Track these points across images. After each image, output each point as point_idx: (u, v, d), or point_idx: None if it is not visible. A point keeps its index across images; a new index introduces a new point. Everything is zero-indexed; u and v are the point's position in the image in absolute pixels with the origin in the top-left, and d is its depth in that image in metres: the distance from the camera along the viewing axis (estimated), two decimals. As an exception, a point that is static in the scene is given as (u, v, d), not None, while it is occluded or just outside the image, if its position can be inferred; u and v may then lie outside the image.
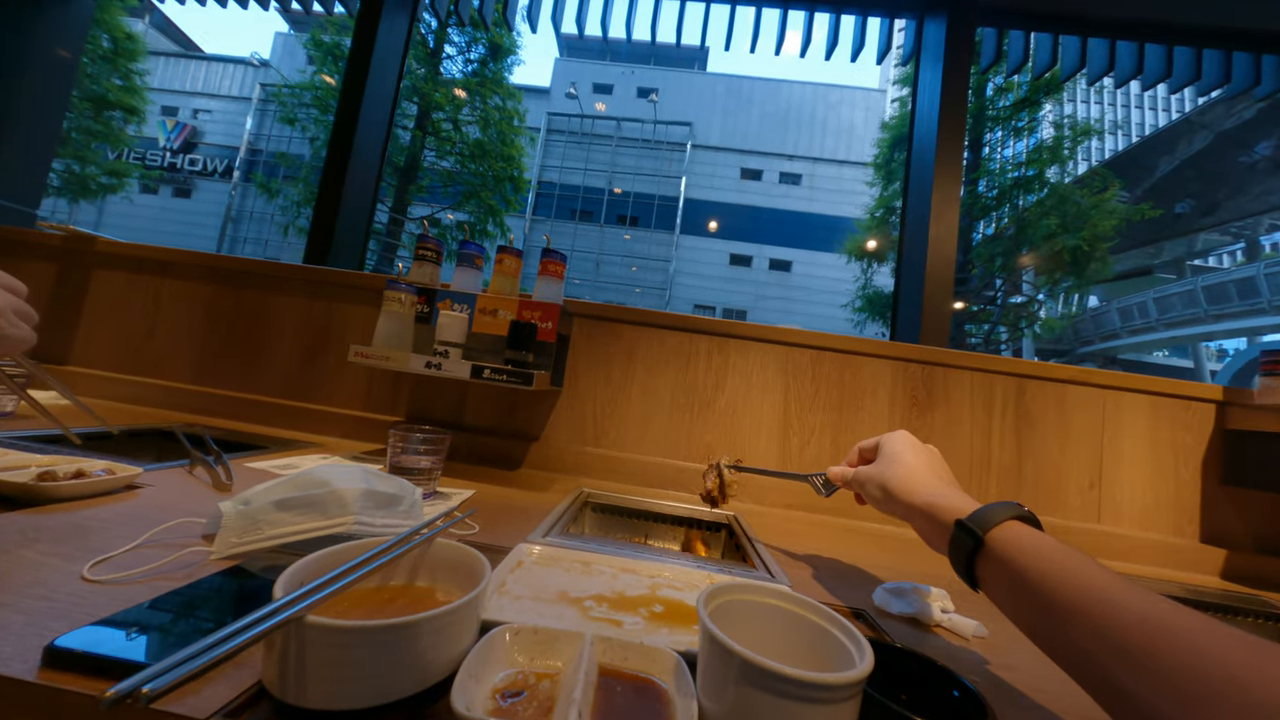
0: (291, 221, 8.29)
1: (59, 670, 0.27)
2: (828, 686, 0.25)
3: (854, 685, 0.26)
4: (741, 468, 0.79)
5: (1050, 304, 8.37)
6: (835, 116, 17.17)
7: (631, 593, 0.47)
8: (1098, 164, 11.70)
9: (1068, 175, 7.89)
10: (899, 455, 0.50)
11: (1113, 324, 14.23)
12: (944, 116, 1.57)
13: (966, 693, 0.31)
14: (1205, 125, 11.29)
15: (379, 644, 0.26)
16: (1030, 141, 7.95)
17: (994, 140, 8.16)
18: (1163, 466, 1.01)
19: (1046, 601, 0.31)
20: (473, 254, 0.99)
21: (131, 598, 0.35)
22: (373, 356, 0.85)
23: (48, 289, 1.17)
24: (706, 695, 0.29)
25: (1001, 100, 7.87)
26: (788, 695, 0.25)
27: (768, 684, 0.26)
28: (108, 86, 6.77)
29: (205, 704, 0.26)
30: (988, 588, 0.37)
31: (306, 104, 8.25)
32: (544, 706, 0.28)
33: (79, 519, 0.47)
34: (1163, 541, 0.97)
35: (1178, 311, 12.79)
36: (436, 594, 0.36)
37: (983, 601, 0.57)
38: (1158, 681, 0.24)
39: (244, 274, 1.15)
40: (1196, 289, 12.28)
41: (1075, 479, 1.01)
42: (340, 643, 0.26)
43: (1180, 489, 1.00)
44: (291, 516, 0.45)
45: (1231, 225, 13.44)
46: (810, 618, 0.33)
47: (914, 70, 1.84)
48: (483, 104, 8.61)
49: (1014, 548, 0.34)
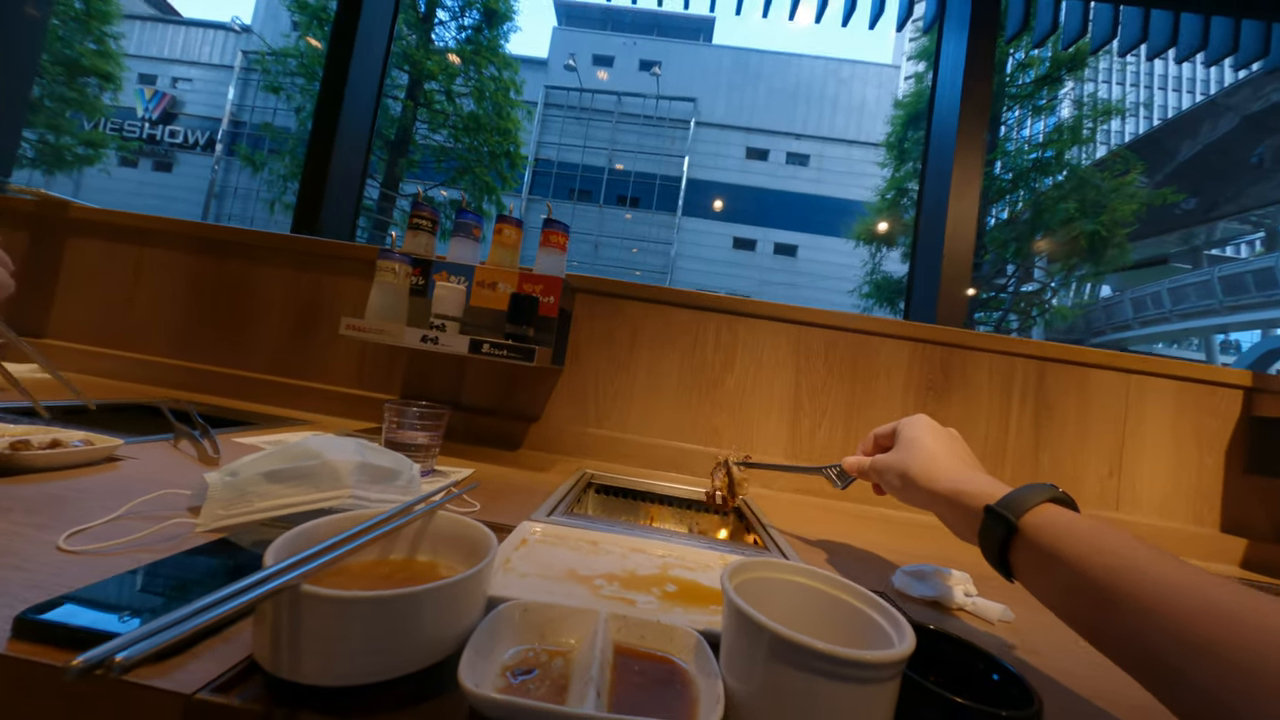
0: (278, 197, 8.15)
1: (30, 642, 0.26)
2: (869, 665, 0.24)
3: (895, 665, 0.25)
4: (751, 464, 0.76)
5: (1063, 292, 8.33)
6: (847, 93, 16.84)
7: (643, 572, 0.45)
8: (1118, 146, 11.53)
9: (1087, 158, 7.78)
10: (919, 440, 0.48)
11: (1125, 314, 14.21)
12: (968, 87, 1.52)
13: (1008, 676, 0.30)
14: (1231, 107, 11.12)
15: (380, 616, 0.25)
16: (1049, 122, 7.82)
17: (1011, 120, 8.02)
18: (1185, 454, 1.00)
19: (1092, 588, 0.29)
20: (470, 224, 0.96)
21: (110, 569, 0.33)
22: (366, 329, 0.83)
23: (19, 257, 1.14)
24: (732, 674, 0.27)
25: (1022, 77, 7.71)
26: (824, 674, 0.24)
27: (802, 661, 0.24)
28: (80, 50, 6.58)
29: (192, 678, 0.25)
30: (1024, 577, 0.35)
31: (291, 71, 8.04)
32: (557, 685, 0.27)
33: (55, 489, 0.45)
34: (1182, 530, 0.97)
35: (1192, 302, 12.76)
36: (439, 568, 0.35)
37: (1008, 586, 0.57)
38: (1225, 671, 0.22)
39: (228, 244, 1.12)
40: (1213, 279, 12.23)
41: (1094, 467, 1.00)
42: (338, 614, 0.24)
43: (1202, 476, 0.99)
44: (282, 489, 0.44)
45: (1252, 214, 13.35)
46: (842, 597, 0.31)
47: (936, 37, 1.78)
48: (477, 74, 8.40)
49: (1050, 533, 0.33)
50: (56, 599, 0.28)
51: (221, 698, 0.24)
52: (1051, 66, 7.31)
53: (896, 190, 9.02)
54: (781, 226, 16.07)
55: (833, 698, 0.24)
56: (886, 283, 9.29)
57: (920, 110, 8.32)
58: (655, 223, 15.85)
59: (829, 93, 16.85)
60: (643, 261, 15.67)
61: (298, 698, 0.25)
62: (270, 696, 0.25)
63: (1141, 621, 0.26)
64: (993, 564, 0.37)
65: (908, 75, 12.82)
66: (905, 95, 9.17)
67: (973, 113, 1.46)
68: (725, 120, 16.52)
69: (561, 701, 0.25)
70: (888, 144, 9.29)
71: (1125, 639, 0.28)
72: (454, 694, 0.27)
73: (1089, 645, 0.30)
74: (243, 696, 0.24)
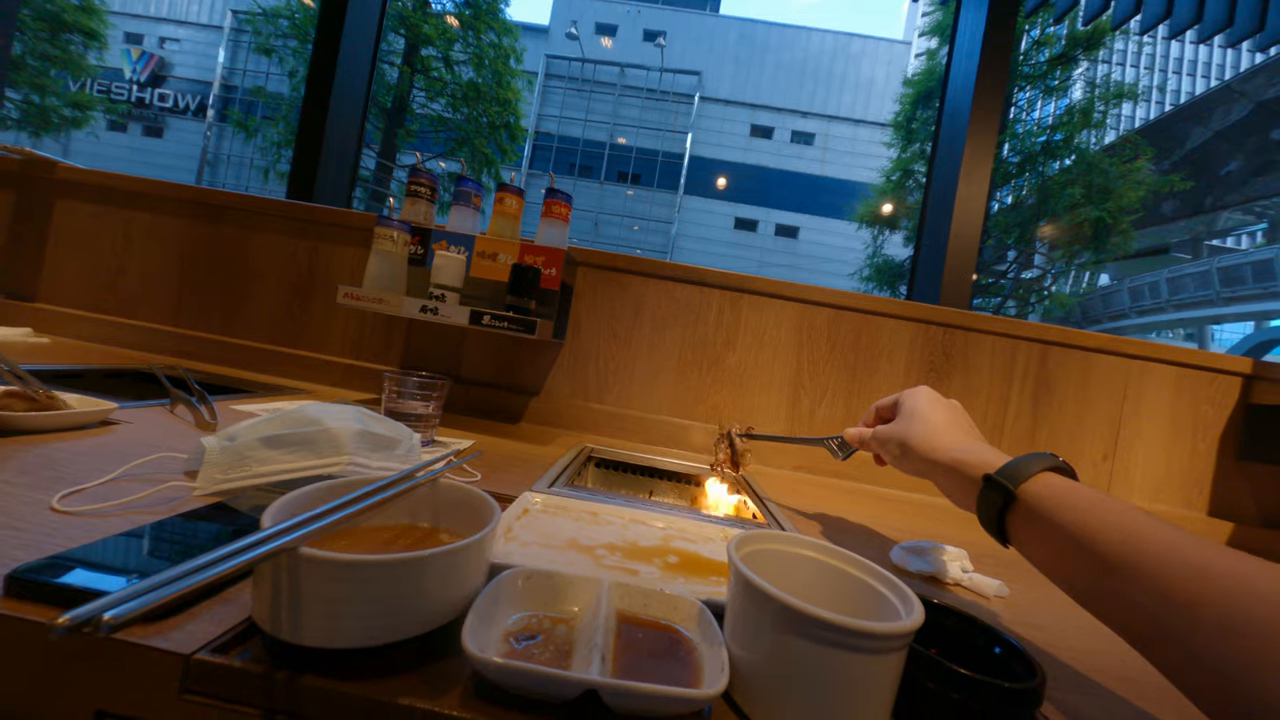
0: (272, 165, 7.93)
1: (23, 600, 0.25)
2: (877, 636, 0.23)
3: (903, 637, 0.24)
4: (754, 435, 0.77)
5: (1063, 280, 8.28)
6: (855, 70, 16.33)
7: (644, 543, 0.45)
8: (1128, 131, 11.29)
9: (1096, 142, 7.61)
10: (920, 411, 0.48)
11: (1122, 303, 14.19)
12: (984, 64, 1.47)
13: (1009, 649, 0.30)
14: (1245, 93, 10.85)
15: (382, 580, 0.24)
16: (1060, 104, 7.62)
17: (1022, 101, 7.80)
18: (1180, 439, 1.00)
19: (1089, 554, 0.29)
20: (470, 191, 0.93)
21: (106, 530, 0.32)
22: (364, 299, 0.81)
23: (5, 218, 1.10)
24: (737, 643, 0.27)
25: (1036, 56, 7.47)
26: (832, 644, 0.24)
27: (810, 631, 0.24)
28: (62, 5, 6.28)
29: (190, 639, 0.24)
30: (1021, 544, 0.35)
31: (283, 33, 7.71)
32: (561, 650, 0.27)
33: (48, 451, 0.44)
34: (1170, 513, 0.98)
35: (1190, 293, 12.72)
36: (441, 535, 0.34)
37: (1004, 562, 0.58)
38: (1239, 645, 0.22)
39: (222, 209, 1.08)
40: (1211, 270, 12.17)
41: (1089, 450, 1.00)
42: (339, 577, 0.23)
43: (1195, 462, 1.00)
44: (280, 454, 0.43)
45: (1257, 204, 13.19)
46: (848, 570, 0.31)
47: (954, 10, 1.70)
48: (476, 40, 8.07)
49: (1049, 501, 0.32)
50: (50, 558, 0.28)
51: (221, 658, 0.24)
52: (1068, 45, 7.07)
53: (902, 172, 8.85)
54: (784, 207, 15.82)
55: (840, 667, 0.24)
56: (888, 266, 9.21)
57: (931, 89, 8.08)
58: (657, 201, 15.56)
59: (837, 69, 16.33)
60: (643, 240, 15.45)
61: (299, 660, 0.24)
62: (271, 658, 0.24)
63: (1139, 587, 0.26)
64: (989, 531, 0.37)
65: (919, 52, 12.41)
66: (916, 73, 8.89)
67: (989, 89, 1.41)
68: (730, 96, 16.04)
69: (565, 667, 0.25)
70: (895, 124, 9.07)
71: (1122, 604, 0.28)
72: (457, 658, 0.26)
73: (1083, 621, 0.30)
74: (242, 657, 0.24)
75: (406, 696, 0.24)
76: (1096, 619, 0.30)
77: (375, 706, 0.23)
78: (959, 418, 0.47)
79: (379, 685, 0.24)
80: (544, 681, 0.23)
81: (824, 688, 0.24)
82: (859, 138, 15.86)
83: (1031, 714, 0.27)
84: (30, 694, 0.24)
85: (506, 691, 0.24)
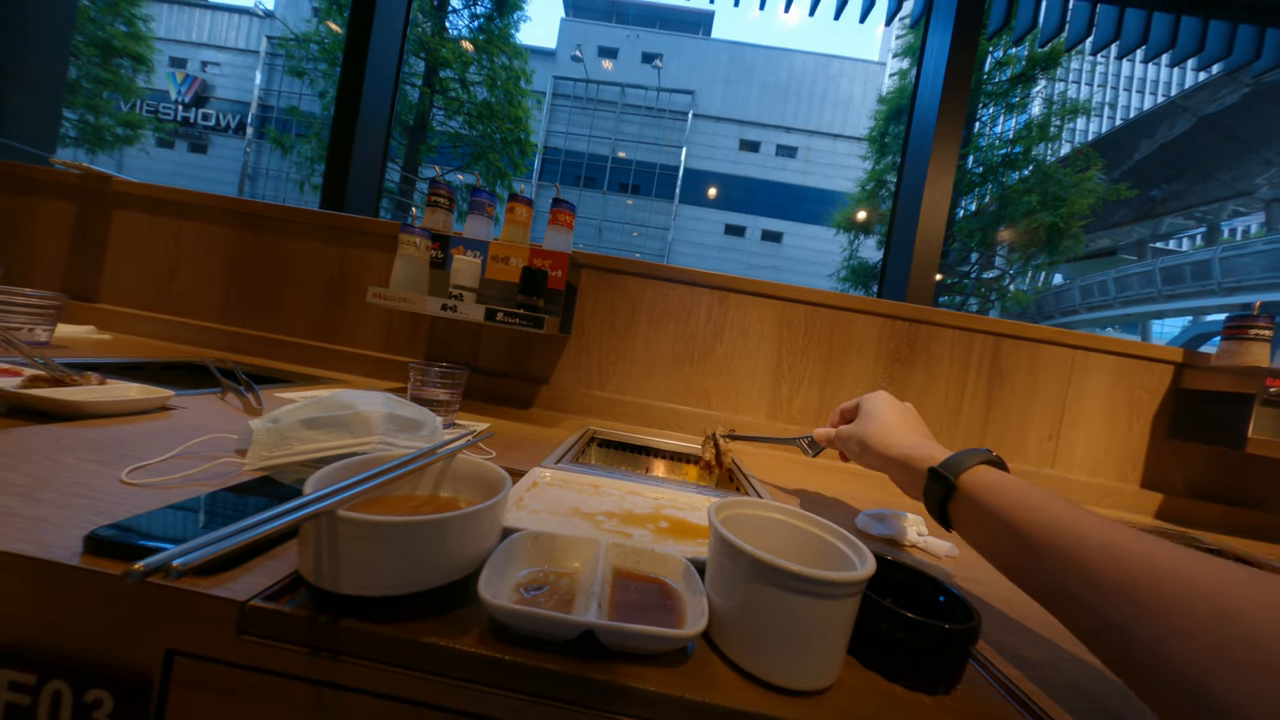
0: (306, 178, 7.87)
1: (100, 557, 0.26)
2: (834, 584, 0.25)
3: (857, 584, 0.25)
4: (736, 436, 0.78)
5: (1020, 279, 8.25)
6: (834, 89, 16.13)
7: (639, 511, 0.46)
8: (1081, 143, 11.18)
9: (1051, 154, 7.53)
10: (876, 413, 0.49)
11: (1074, 300, 14.14)
12: (949, 82, 1.45)
13: (951, 598, 0.31)
14: (1188, 109, 10.72)
15: (408, 538, 0.25)
16: (1020, 119, 7.54)
17: (986, 116, 7.72)
18: (1117, 420, 1.01)
19: (1016, 536, 0.30)
20: (484, 202, 0.93)
21: (167, 499, 0.33)
22: (390, 298, 0.81)
23: (69, 227, 1.10)
24: (716, 592, 0.28)
25: (998, 75, 7.37)
26: (796, 590, 0.25)
27: (777, 580, 0.25)
28: (112, 32, 6.19)
29: (245, 589, 0.26)
30: (961, 528, 0.36)
31: (314, 57, 7.61)
32: (564, 599, 0.28)
33: (115, 433, 0.45)
34: (1106, 485, 1.00)
35: (1134, 290, 12.68)
36: (460, 503, 0.35)
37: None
38: (1138, 611, 0.23)
39: (262, 218, 1.08)
40: (1155, 270, 12.11)
41: (1036, 430, 1.02)
42: (372, 536, 0.24)
43: (1130, 440, 1.01)
44: (319, 434, 0.44)
45: (1196, 210, 13.10)
46: (812, 530, 0.32)
47: (922, 33, 1.68)
48: (489, 63, 7.97)
49: (983, 489, 0.33)
50: (121, 522, 0.29)
51: (272, 604, 0.25)
52: (1027, 65, 6.97)
53: (876, 182, 8.78)
54: (769, 215, 15.72)
55: (802, 611, 0.25)
56: (862, 268, 9.18)
57: (902, 106, 7.99)
58: (654, 209, 15.46)
59: (818, 88, 16.13)
60: (642, 245, 15.37)
61: (338, 606, 0.25)
62: (314, 604, 0.25)
63: (1058, 564, 0.27)
64: (934, 516, 0.38)
65: (892, 72, 12.23)
66: (889, 92, 8.77)
67: (952, 107, 1.41)
68: (721, 113, 15.86)
69: (568, 612, 0.26)
70: (870, 138, 8.97)
71: (1044, 580, 0.28)
72: (474, 605, 0.28)
73: None
74: (291, 604, 0.25)
75: (430, 636, 0.25)
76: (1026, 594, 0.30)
77: (404, 644, 0.24)
78: (910, 419, 0.49)
79: (407, 627, 0.25)
80: (548, 623, 0.24)
81: (789, 628, 0.25)
82: (838, 151, 15.71)
83: (968, 650, 0.28)
84: (110, 636, 0.25)
85: (516, 633, 0.26)
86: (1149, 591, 0.23)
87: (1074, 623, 0.27)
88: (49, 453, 0.38)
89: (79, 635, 0.25)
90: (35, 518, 0.29)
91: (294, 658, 0.24)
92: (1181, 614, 0.21)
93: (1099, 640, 0.25)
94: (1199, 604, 0.21)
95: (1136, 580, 0.23)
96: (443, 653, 0.24)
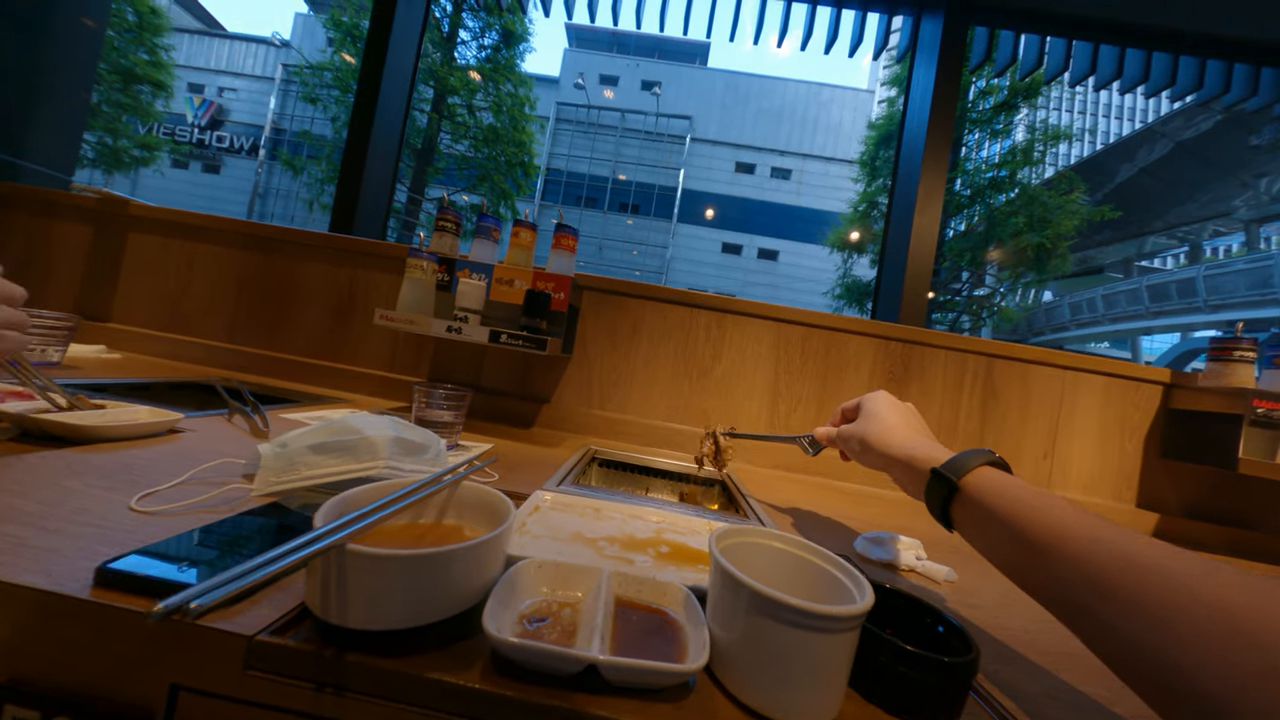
0: (315, 198, 8.00)
1: (110, 589, 0.26)
2: (832, 618, 0.25)
3: (856, 618, 0.25)
4: (736, 434, 0.78)
5: (1010, 296, 8.34)
6: (826, 115, 16.59)
7: (640, 536, 0.46)
8: (1064, 168, 11.46)
9: (1036, 178, 7.71)
10: (877, 412, 0.48)
11: (1063, 317, 14.26)
12: (935, 113, 1.50)
13: (950, 628, 0.31)
14: (1165, 134, 11.03)
15: (415, 572, 0.25)
16: (1005, 144, 7.74)
17: (971, 142, 7.92)
18: (1109, 440, 1.01)
19: (1020, 538, 0.29)
20: (490, 226, 0.95)
21: (177, 527, 0.33)
22: (397, 320, 0.82)
23: (85, 248, 1.12)
24: (717, 624, 0.28)
25: (982, 103, 7.60)
26: (795, 624, 0.25)
27: (777, 614, 0.25)
28: (134, 60, 6.37)
29: (252, 622, 0.25)
30: (963, 529, 0.36)
31: (327, 84, 7.83)
32: (567, 631, 0.28)
33: (124, 457, 0.45)
34: (1103, 505, 0.99)
35: (1122, 307, 12.81)
36: (464, 531, 0.35)
37: (953, 550, 0.58)
38: (1142, 617, 0.22)
39: (272, 240, 1.10)
40: (1141, 288, 12.27)
41: (1031, 449, 1.02)
42: (379, 569, 0.25)
43: (1124, 460, 1.01)
44: (326, 459, 0.44)
45: (1179, 230, 13.34)
46: (812, 559, 0.32)
47: (908, 66, 1.75)
48: (496, 90, 8.20)
49: (986, 490, 0.33)
50: (131, 553, 0.29)
51: (279, 639, 0.25)
52: (1009, 94, 7.20)
53: (868, 203, 8.94)
54: (765, 234, 15.95)
55: (802, 645, 0.25)
56: (856, 286, 9.27)
57: (891, 131, 8.21)
58: (653, 228, 15.69)
59: (810, 114, 16.58)
60: (642, 263, 15.54)
61: (345, 640, 0.25)
62: (321, 638, 0.25)
63: (1063, 569, 0.26)
64: (936, 517, 0.38)
65: (881, 100, 12.61)
66: (878, 118, 9.01)
67: (938, 137, 1.45)
68: (717, 137, 16.26)
69: (570, 645, 0.26)
70: (861, 161, 9.18)
71: (1049, 584, 0.28)
72: (478, 638, 0.27)
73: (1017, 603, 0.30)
74: (297, 638, 0.25)
75: (435, 671, 0.25)
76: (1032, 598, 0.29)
77: (408, 680, 0.24)
78: (912, 419, 0.48)
79: (412, 661, 0.25)
80: (552, 658, 0.24)
81: (790, 662, 0.25)
82: (830, 173, 16.06)
83: (967, 683, 0.28)
84: (115, 670, 0.25)
85: (520, 667, 0.25)
86: (1158, 601, 0.22)
87: (1079, 630, 0.26)
88: (59, 479, 0.38)
89: (84, 669, 0.25)
90: (46, 548, 0.29)
91: (299, 693, 0.24)
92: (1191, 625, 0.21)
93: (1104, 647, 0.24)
94: (1210, 615, 0.20)
95: (1146, 589, 0.23)
96: (447, 689, 0.24)
